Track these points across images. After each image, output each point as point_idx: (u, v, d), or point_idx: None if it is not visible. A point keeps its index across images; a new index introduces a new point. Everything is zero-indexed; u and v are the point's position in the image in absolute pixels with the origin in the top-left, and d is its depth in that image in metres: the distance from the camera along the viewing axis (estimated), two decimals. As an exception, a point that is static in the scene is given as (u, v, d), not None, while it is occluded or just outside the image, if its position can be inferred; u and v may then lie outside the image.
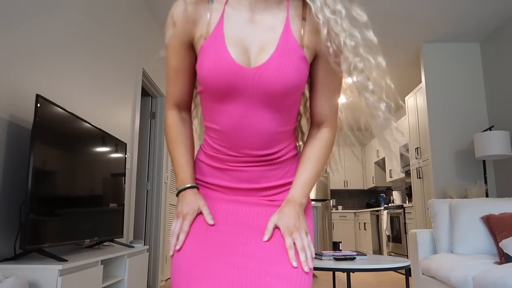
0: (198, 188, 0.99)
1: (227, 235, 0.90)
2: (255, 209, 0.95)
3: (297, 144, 1.08)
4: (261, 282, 0.82)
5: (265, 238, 0.88)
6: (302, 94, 0.96)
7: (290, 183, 0.98)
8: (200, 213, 0.94)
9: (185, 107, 1.05)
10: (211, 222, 0.91)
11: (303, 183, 0.95)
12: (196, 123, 1.10)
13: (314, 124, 1.00)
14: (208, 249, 0.87)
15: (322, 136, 0.99)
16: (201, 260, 0.86)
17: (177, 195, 0.98)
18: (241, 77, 0.86)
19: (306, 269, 0.84)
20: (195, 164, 1.03)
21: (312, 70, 0.96)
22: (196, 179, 1.01)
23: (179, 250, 0.90)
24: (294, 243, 0.87)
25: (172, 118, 1.03)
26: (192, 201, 0.94)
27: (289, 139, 0.98)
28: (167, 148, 1.02)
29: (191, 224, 0.92)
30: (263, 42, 0.89)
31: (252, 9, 0.91)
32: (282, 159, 0.97)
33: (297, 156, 1.02)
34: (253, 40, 0.89)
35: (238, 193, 0.97)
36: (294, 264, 0.84)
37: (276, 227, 0.91)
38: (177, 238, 0.91)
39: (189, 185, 0.97)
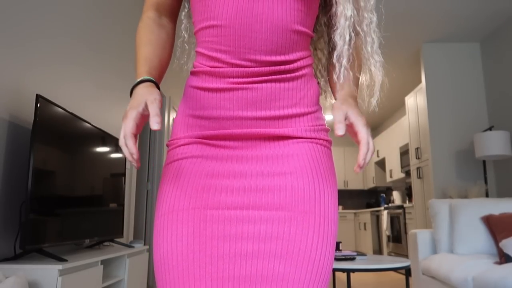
0: (155, 84, 0.74)
1: (232, 210, 0.69)
2: (266, 166, 0.72)
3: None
4: (273, 273, 0.65)
5: (340, 132, 0.65)
6: None
7: (305, 113, 0.75)
8: (145, 113, 0.67)
9: (168, 11, 0.84)
10: (155, 127, 0.63)
11: (349, 82, 0.79)
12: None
13: None
14: (206, 234, 0.68)
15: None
16: (197, 249, 0.67)
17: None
18: None
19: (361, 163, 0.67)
20: (184, 93, 0.79)
21: None
22: (186, 115, 0.77)
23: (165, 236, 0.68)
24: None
25: (146, 19, 0.82)
26: (139, 95, 0.69)
27: (306, 49, 0.77)
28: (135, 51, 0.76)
29: (137, 125, 0.66)
30: None
31: None
32: (299, 73, 0.75)
33: (316, 81, 0.80)
34: None
35: (241, 129, 0.73)
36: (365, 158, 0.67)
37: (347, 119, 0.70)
38: (128, 151, 0.65)
39: (140, 78, 0.73)
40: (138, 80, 0.73)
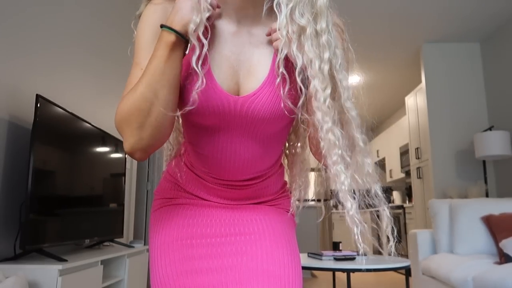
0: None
1: (213, 238, 0.83)
2: (238, 211, 0.88)
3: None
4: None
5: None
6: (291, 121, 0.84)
7: (271, 200, 0.92)
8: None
9: None
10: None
11: None
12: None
13: None
14: (194, 256, 0.81)
15: None
16: (188, 270, 0.80)
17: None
18: (227, 106, 0.75)
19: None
20: (175, 159, 0.92)
21: None
22: (174, 180, 0.91)
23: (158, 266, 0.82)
24: None
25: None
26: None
27: (276, 164, 0.91)
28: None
29: None
30: (252, 62, 0.77)
31: (239, 20, 0.79)
32: (266, 180, 0.89)
33: (282, 174, 0.95)
34: (242, 59, 0.78)
35: (224, 202, 0.89)
36: None
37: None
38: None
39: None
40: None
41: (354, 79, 5.89)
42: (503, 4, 3.90)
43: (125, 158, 2.85)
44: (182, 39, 0.71)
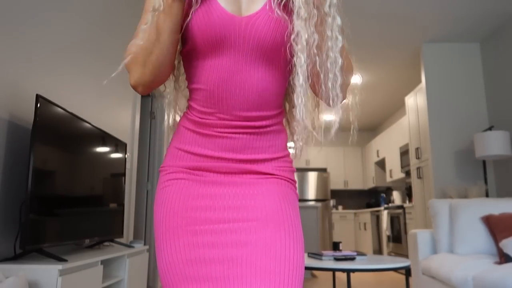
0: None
1: (216, 224, 0.84)
2: (241, 190, 0.88)
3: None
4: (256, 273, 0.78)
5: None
6: (292, 58, 0.89)
7: (274, 158, 0.93)
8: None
9: None
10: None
11: None
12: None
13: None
14: (198, 244, 0.83)
15: None
16: (193, 258, 0.82)
17: None
18: (232, 26, 0.83)
19: None
20: (177, 130, 0.95)
21: None
22: (177, 148, 0.93)
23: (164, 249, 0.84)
24: None
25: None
26: None
27: (279, 108, 0.93)
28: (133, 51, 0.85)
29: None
30: None
31: None
32: (270, 128, 0.92)
33: (285, 132, 0.98)
34: None
35: (221, 166, 0.89)
36: None
37: None
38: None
39: None
40: None
41: (354, 79, 5.90)
42: (503, 4, 3.90)
43: (125, 158, 2.85)
44: None
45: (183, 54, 0.93)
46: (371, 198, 9.05)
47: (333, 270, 2.38)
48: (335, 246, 3.09)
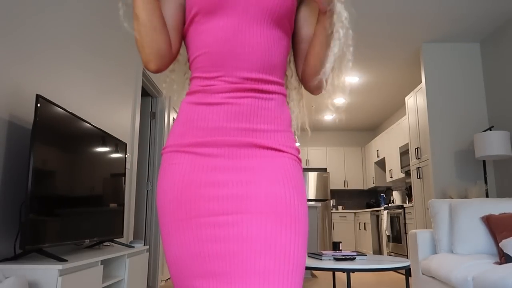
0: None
1: (219, 216, 0.83)
2: (244, 175, 0.85)
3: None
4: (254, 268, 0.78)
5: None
6: (291, 30, 0.96)
7: (280, 131, 0.91)
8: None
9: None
10: None
11: None
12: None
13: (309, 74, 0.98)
14: (202, 238, 0.82)
15: None
16: (197, 252, 0.83)
17: None
18: None
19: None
20: (179, 110, 0.95)
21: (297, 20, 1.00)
22: (179, 125, 0.92)
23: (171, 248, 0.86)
24: None
25: None
26: None
27: (281, 78, 0.95)
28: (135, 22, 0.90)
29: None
30: None
31: None
32: (273, 96, 0.91)
33: (288, 111, 0.97)
34: None
35: (226, 139, 0.87)
36: None
37: None
38: None
39: None
40: None
41: (354, 79, 5.90)
42: (503, 4, 3.90)
43: (125, 158, 2.85)
44: None
45: (187, 33, 0.95)
46: (371, 198, 9.05)
47: (333, 270, 2.38)
48: (335, 246, 3.09)
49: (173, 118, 4.85)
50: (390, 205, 6.20)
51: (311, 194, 8.00)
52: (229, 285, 0.79)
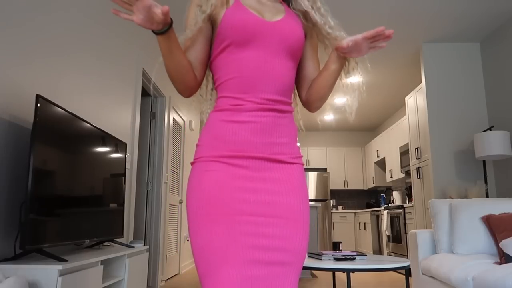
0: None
1: (250, 216, 0.99)
2: (270, 186, 1.04)
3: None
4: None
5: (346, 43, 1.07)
6: (298, 60, 1.18)
7: (291, 142, 1.12)
8: None
9: (198, 69, 1.15)
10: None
11: None
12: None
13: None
14: (235, 232, 0.97)
15: None
16: (232, 242, 0.96)
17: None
18: (264, 27, 1.08)
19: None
20: (207, 124, 1.11)
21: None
22: (210, 139, 1.07)
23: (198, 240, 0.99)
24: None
25: None
26: None
27: (291, 97, 1.15)
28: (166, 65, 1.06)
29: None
30: (273, 12, 1.15)
31: None
32: (288, 114, 1.12)
33: (295, 124, 1.19)
34: (266, 10, 1.14)
35: (253, 150, 1.05)
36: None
37: None
38: None
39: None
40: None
41: (354, 79, 5.89)
42: (503, 4, 3.90)
43: (125, 158, 2.85)
44: (162, 31, 0.98)
45: (216, 59, 1.12)
46: (371, 198, 9.05)
47: (333, 270, 2.38)
48: (335, 246, 3.09)
49: (173, 118, 4.84)
50: (390, 205, 6.20)
51: (311, 194, 8.00)
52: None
